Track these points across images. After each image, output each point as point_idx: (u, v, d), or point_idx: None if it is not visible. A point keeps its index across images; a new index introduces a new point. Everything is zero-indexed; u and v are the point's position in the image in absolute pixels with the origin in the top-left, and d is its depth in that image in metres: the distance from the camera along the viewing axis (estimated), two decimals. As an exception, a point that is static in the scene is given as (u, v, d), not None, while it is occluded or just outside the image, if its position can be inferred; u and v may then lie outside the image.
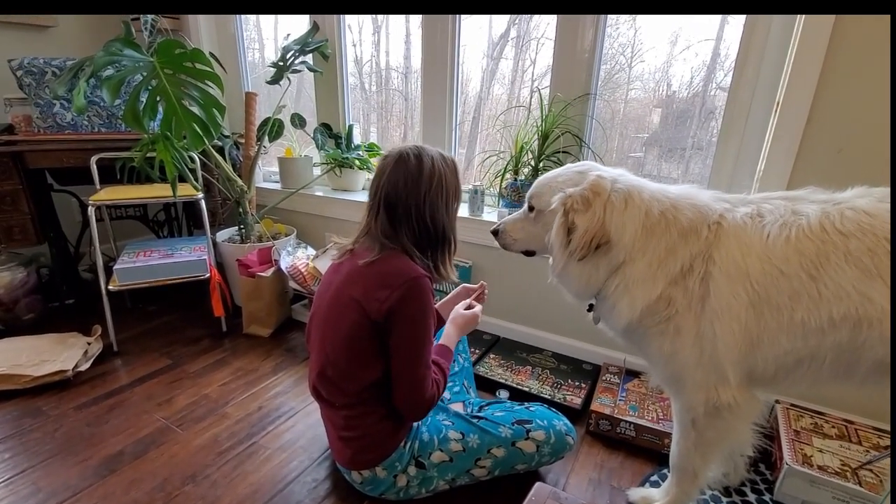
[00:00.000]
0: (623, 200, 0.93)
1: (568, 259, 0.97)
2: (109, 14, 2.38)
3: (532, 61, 1.98)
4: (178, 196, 1.80)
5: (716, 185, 1.55)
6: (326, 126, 2.31)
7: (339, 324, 1.10)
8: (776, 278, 0.85)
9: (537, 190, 1.07)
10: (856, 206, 0.86)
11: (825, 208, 0.87)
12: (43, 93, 1.95)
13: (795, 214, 0.88)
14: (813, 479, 1.17)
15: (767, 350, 0.89)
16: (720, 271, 0.89)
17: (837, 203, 0.88)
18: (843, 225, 0.83)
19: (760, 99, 1.40)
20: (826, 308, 0.83)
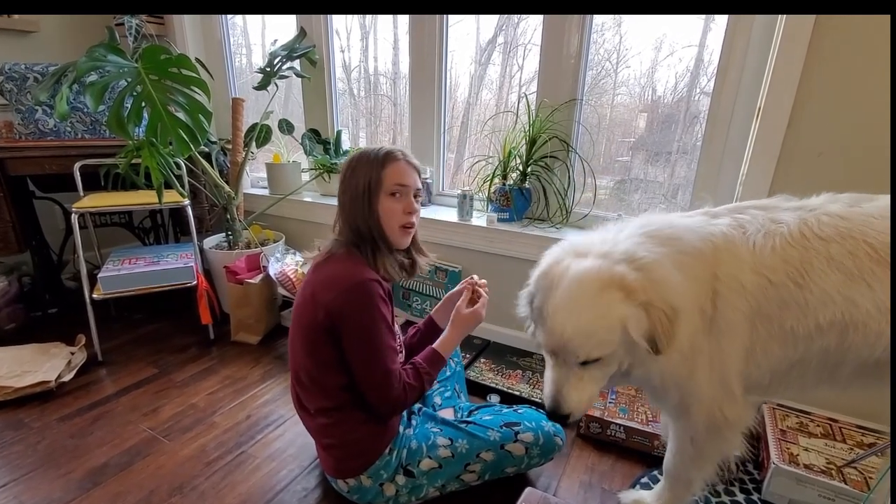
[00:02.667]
0: (657, 273, 0.83)
1: (657, 360, 0.85)
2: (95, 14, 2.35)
3: (519, 67, 2.00)
4: (164, 203, 1.78)
5: (701, 188, 1.58)
6: (314, 132, 2.30)
7: (300, 325, 1.12)
8: (766, 289, 0.85)
9: (596, 341, 0.83)
10: (829, 211, 0.86)
11: (801, 215, 0.87)
12: (25, 99, 1.92)
13: (775, 223, 0.88)
14: (800, 478, 1.19)
15: (761, 359, 0.89)
16: (725, 287, 0.86)
17: (812, 210, 0.88)
18: (821, 230, 0.84)
19: (742, 104, 1.43)
20: (813, 315, 0.83)
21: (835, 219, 0.85)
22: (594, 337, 0.82)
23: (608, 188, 1.92)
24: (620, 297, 0.81)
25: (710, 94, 1.52)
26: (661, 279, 0.83)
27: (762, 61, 1.34)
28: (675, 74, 1.70)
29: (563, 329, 0.83)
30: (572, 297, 0.83)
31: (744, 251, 0.87)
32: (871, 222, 0.84)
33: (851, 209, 0.87)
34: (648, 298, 0.81)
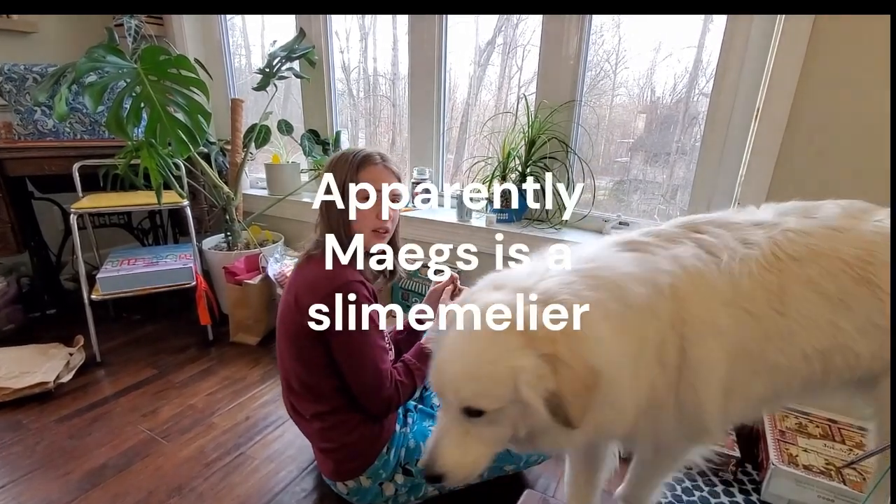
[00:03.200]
0: (582, 326, 0.68)
1: (570, 433, 0.70)
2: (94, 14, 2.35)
3: (519, 68, 2.00)
4: (163, 203, 1.78)
5: (700, 188, 1.58)
6: (314, 132, 2.30)
7: (286, 331, 1.12)
8: (745, 323, 0.75)
9: (477, 388, 0.69)
10: (792, 227, 0.80)
11: (769, 234, 0.80)
12: (24, 99, 1.92)
13: (746, 245, 0.79)
14: (799, 479, 1.19)
15: (741, 397, 0.80)
16: (694, 331, 0.74)
17: (773, 226, 0.81)
18: (794, 251, 0.77)
19: (741, 105, 1.43)
20: (798, 344, 0.77)
21: (802, 236, 0.79)
22: (477, 383, 0.68)
23: (607, 189, 1.92)
24: (519, 343, 0.66)
25: (709, 95, 1.52)
26: (583, 332, 0.67)
27: (761, 62, 1.34)
28: (674, 75, 1.70)
29: (446, 367, 0.72)
30: (464, 334, 0.71)
31: (719, 283, 0.75)
32: (836, 237, 0.79)
33: (810, 223, 0.81)
34: (556, 352, 0.65)
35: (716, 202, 1.54)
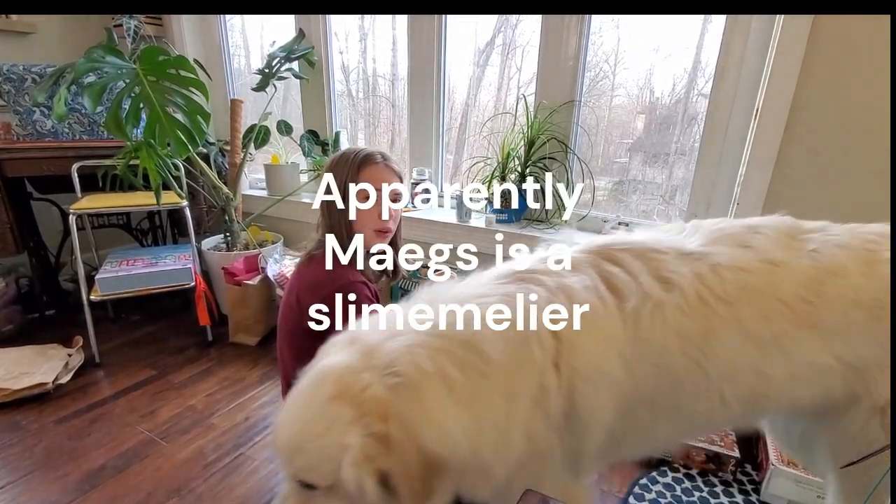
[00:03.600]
0: (414, 396, 0.60)
1: None
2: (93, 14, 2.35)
3: (518, 68, 2.00)
4: (163, 204, 1.78)
5: (699, 189, 1.58)
6: (313, 133, 2.30)
7: (287, 331, 1.12)
8: (648, 375, 0.67)
9: (304, 462, 0.63)
10: (725, 262, 0.70)
11: (696, 269, 0.69)
12: (22, 100, 1.92)
13: (665, 285, 0.68)
14: (798, 479, 1.19)
15: (636, 442, 0.75)
16: (583, 382, 0.65)
17: (701, 257, 0.71)
18: (725, 291, 0.68)
19: (740, 105, 1.43)
20: (717, 392, 0.69)
21: (735, 273, 0.69)
22: (305, 456, 0.62)
23: (607, 189, 1.92)
24: (350, 416, 0.59)
25: (708, 95, 1.52)
26: (420, 407, 0.59)
27: (760, 63, 1.34)
28: (673, 76, 1.70)
29: (279, 431, 0.65)
30: (299, 398, 0.65)
31: (618, 330, 0.66)
32: (774, 272, 0.70)
33: (744, 256, 0.71)
34: (388, 431, 0.58)
35: (715, 202, 1.54)
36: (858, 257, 0.71)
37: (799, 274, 0.70)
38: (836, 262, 0.70)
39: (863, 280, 0.69)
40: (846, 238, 0.74)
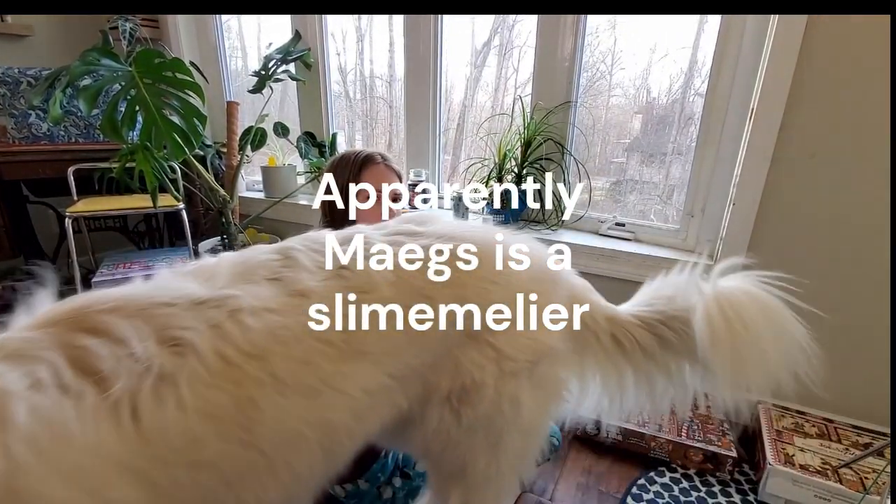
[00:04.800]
0: None
1: None
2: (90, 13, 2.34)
3: (515, 69, 2.00)
4: (159, 206, 1.78)
5: (695, 189, 1.58)
6: (310, 134, 2.30)
7: None
8: (187, 484, 0.49)
9: None
10: (248, 304, 0.56)
11: (213, 321, 0.54)
12: (18, 103, 1.92)
13: (176, 348, 0.50)
14: (796, 479, 1.19)
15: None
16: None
17: (217, 304, 0.55)
18: (251, 342, 0.54)
19: (736, 105, 1.43)
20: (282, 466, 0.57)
21: (263, 316, 0.56)
22: None
23: (604, 189, 1.92)
24: None
25: (704, 95, 1.53)
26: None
27: (755, 63, 1.35)
28: (670, 76, 1.70)
29: None
30: None
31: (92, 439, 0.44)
32: (301, 305, 0.59)
33: (273, 290, 0.60)
34: None
35: (711, 203, 1.54)
36: (388, 266, 0.68)
37: (329, 300, 0.61)
38: (366, 280, 0.65)
39: (392, 291, 0.65)
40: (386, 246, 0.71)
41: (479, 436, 0.73)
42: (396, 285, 0.66)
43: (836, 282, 1.34)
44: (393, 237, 0.74)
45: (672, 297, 0.86)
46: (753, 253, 1.41)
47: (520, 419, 0.74)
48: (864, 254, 1.29)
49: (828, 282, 1.35)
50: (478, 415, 0.71)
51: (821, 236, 1.33)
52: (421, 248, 0.72)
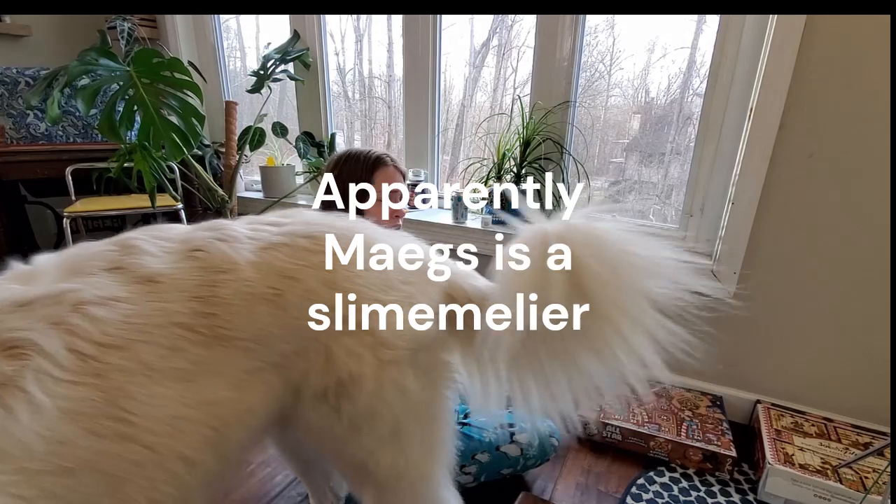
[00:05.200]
0: None
1: None
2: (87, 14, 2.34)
3: (514, 69, 2.00)
4: (157, 206, 1.77)
5: (694, 189, 1.58)
6: (308, 134, 2.30)
7: None
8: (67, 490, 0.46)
9: None
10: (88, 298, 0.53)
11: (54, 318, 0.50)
12: (16, 103, 1.91)
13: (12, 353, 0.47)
14: (795, 478, 1.19)
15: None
16: None
17: (54, 301, 0.51)
18: (106, 333, 0.51)
19: (734, 105, 1.43)
20: (174, 460, 0.54)
21: (113, 306, 0.53)
22: None
23: (603, 189, 1.92)
24: None
25: (703, 95, 1.53)
26: None
27: (753, 62, 1.35)
28: (668, 76, 1.71)
29: None
30: None
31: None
32: (159, 290, 0.57)
33: (119, 279, 0.56)
34: None
35: (710, 202, 1.54)
36: (246, 248, 0.64)
37: (184, 283, 0.58)
38: (223, 258, 0.61)
39: (253, 272, 0.62)
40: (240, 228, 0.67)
41: (365, 431, 0.69)
42: (258, 267, 0.63)
43: (835, 281, 1.34)
44: (253, 226, 0.70)
45: None
46: (752, 252, 1.41)
47: (411, 407, 0.71)
48: (862, 253, 1.29)
49: (826, 281, 1.35)
50: (359, 409, 0.68)
51: (820, 235, 1.33)
52: (286, 233, 0.69)
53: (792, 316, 1.41)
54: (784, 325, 1.43)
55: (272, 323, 0.62)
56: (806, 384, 1.45)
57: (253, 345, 0.60)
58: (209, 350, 0.57)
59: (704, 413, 1.47)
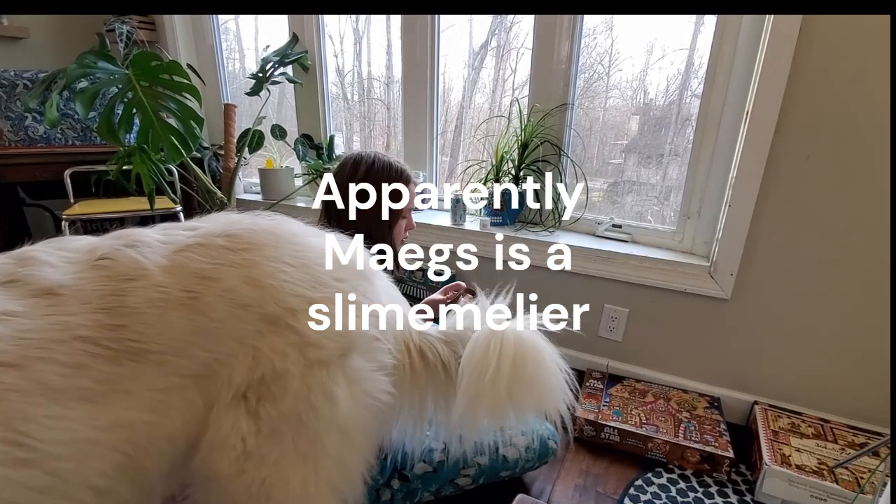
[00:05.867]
0: None
1: None
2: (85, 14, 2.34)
3: (513, 70, 2.01)
4: (156, 209, 1.77)
5: (691, 190, 1.59)
6: (307, 137, 2.30)
7: None
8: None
9: None
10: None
11: None
12: (14, 106, 1.91)
13: None
14: (792, 479, 1.20)
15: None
16: None
17: None
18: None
19: (731, 107, 1.44)
20: (80, 488, 0.50)
21: (3, 322, 0.49)
22: None
23: (601, 190, 1.92)
24: None
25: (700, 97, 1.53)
26: None
27: (750, 64, 1.35)
28: (667, 77, 1.71)
29: None
30: None
31: None
32: (61, 303, 0.53)
33: (15, 292, 0.53)
34: None
35: (707, 204, 1.55)
36: (157, 252, 0.60)
37: (88, 294, 0.54)
38: (132, 265, 0.57)
39: (166, 276, 0.58)
40: (152, 234, 0.63)
41: (286, 442, 0.62)
42: (170, 270, 0.58)
43: (832, 282, 1.34)
44: (166, 231, 0.66)
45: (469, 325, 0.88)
46: (750, 254, 1.42)
47: (338, 419, 0.65)
48: (858, 254, 1.30)
49: (823, 282, 1.36)
50: (282, 412, 0.61)
51: (816, 237, 1.33)
52: (201, 234, 0.64)
53: (789, 317, 1.42)
54: (781, 327, 1.44)
55: (189, 329, 0.57)
56: (803, 385, 1.46)
57: (169, 357, 0.55)
58: (118, 366, 0.52)
59: (702, 414, 1.48)
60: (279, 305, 0.62)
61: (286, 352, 0.62)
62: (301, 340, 0.63)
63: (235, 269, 0.61)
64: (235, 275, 0.61)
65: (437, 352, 0.81)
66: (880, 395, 1.36)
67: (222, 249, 0.62)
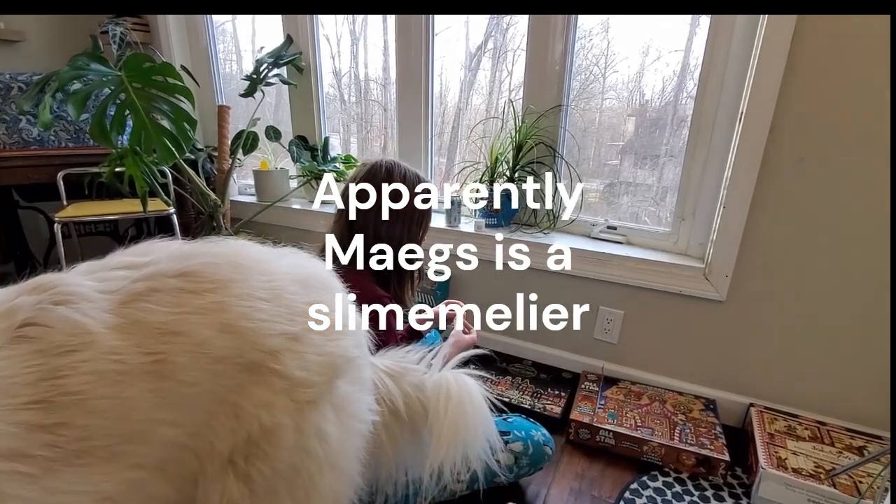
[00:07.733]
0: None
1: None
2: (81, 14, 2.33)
3: (509, 72, 2.00)
4: (149, 211, 1.77)
5: (685, 191, 1.58)
6: (302, 138, 2.29)
7: None
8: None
9: None
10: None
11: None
12: (8, 108, 1.91)
13: None
14: (788, 483, 1.18)
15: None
16: None
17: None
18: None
19: (725, 109, 1.43)
20: None
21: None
22: None
23: (598, 192, 1.92)
24: None
25: (695, 98, 1.52)
26: None
27: (744, 65, 1.35)
28: (663, 79, 1.70)
29: None
30: None
31: None
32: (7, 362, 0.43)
33: None
34: None
35: (702, 206, 1.54)
36: (99, 306, 0.49)
37: (10, 384, 0.41)
38: (69, 329, 0.46)
39: (119, 339, 0.47)
40: (82, 281, 0.52)
41: (282, 497, 0.56)
42: (124, 329, 0.47)
43: (827, 284, 1.34)
44: (98, 275, 0.53)
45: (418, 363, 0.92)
46: (744, 255, 1.41)
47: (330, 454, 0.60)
48: (854, 255, 1.29)
49: (819, 283, 1.35)
50: (276, 468, 0.55)
51: (811, 239, 1.33)
52: (150, 276, 0.54)
53: (784, 319, 1.41)
54: (776, 328, 1.43)
55: (154, 404, 0.46)
56: (799, 387, 1.45)
57: (126, 446, 0.44)
58: (54, 478, 0.40)
59: (698, 417, 1.46)
60: (259, 350, 0.54)
61: (272, 402, 0.54)
62: (288, 384, 0.56)
63: (204, 316, 0.51)
64: (206, 323, 0.51)
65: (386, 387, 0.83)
66: (877, 398, 1.35)
67: (183, 293, 0.52)
